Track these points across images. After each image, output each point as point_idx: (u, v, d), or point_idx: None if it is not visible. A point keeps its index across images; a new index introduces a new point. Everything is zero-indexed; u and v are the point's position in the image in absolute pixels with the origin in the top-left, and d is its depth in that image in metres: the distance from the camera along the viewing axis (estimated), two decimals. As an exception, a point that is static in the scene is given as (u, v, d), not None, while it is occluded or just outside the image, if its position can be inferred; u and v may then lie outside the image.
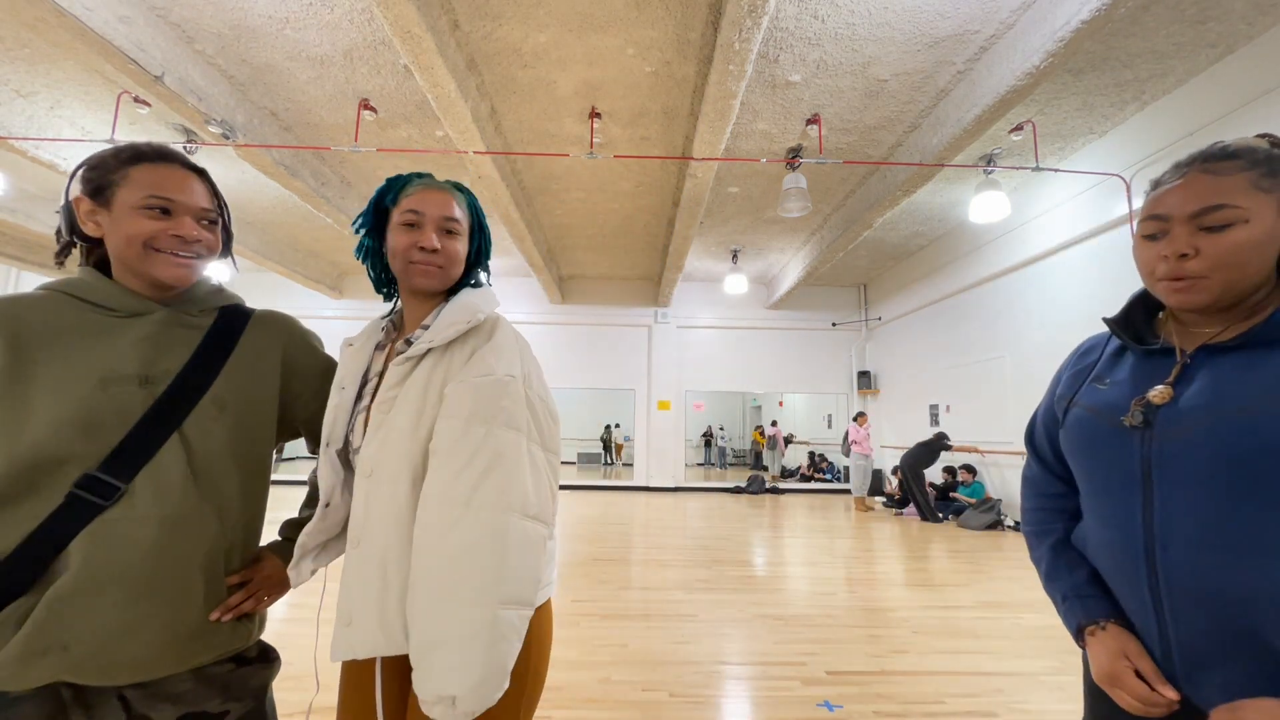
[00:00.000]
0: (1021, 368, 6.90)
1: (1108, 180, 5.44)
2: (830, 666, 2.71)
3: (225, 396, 0.85)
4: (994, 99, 4.00)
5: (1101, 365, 0.87)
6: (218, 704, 0.83)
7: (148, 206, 0.80)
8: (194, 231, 0.83)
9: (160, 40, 3.91)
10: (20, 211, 7.01)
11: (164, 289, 0.86)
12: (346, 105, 4.91)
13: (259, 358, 0.92)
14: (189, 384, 0.82)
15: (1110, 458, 0.79)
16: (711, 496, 10.05)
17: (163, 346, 0.83)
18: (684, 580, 4.25)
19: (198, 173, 0.87)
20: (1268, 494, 0.64)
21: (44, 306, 0.80)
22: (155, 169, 0.82)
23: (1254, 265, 0.71)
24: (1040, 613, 3.61)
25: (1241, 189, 0.71)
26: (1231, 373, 0.71)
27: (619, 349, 10.86)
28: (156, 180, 0.81)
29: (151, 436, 0.78)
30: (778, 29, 3.89)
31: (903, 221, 7.63)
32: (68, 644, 0.70)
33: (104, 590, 0.73)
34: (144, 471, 0.77)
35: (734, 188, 6.51)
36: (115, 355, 0.79)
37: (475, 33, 3.95)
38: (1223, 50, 4.23)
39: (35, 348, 0.77)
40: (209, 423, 0.83)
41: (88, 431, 0.75)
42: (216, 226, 0.89)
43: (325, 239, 8.45)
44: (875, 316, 10.43)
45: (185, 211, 0.83)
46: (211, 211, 0.87)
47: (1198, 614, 0.68)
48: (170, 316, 0.86)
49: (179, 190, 0.82)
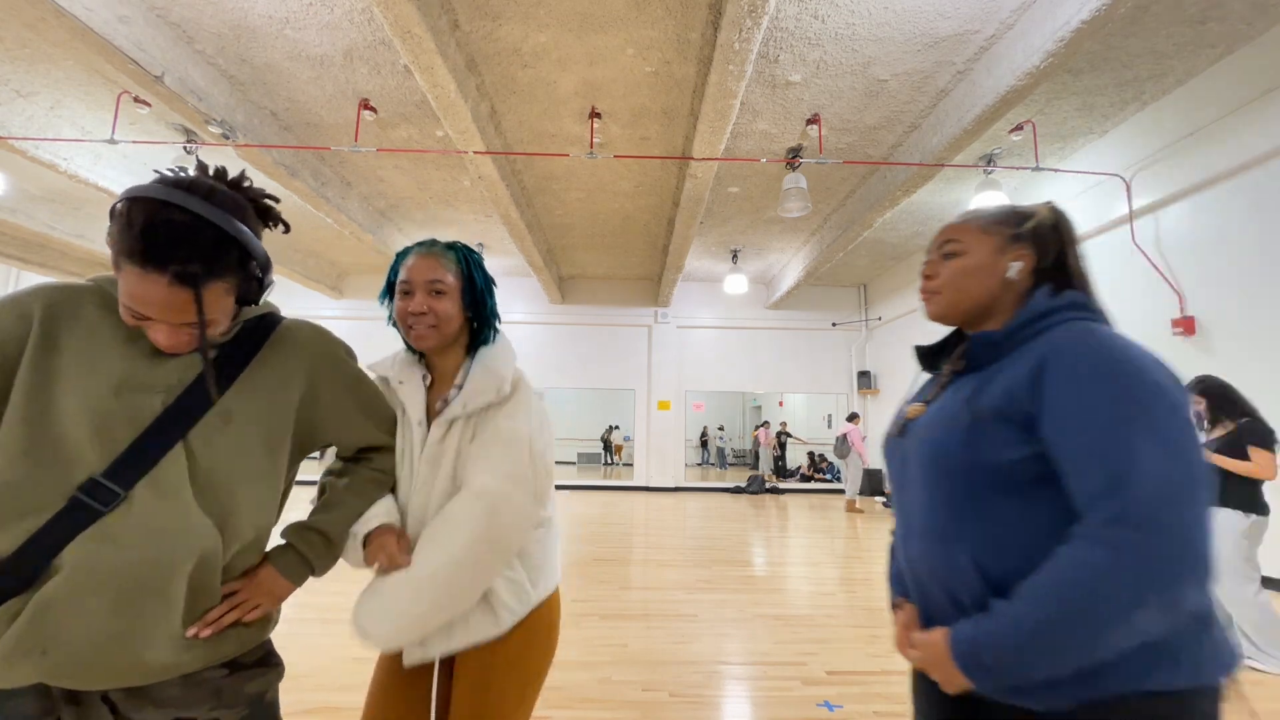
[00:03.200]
0: (1021, 368, 6.89)
1: (1108, 180, 5.44)
2: (830, 666, 2.71)
3: (233, 409, 0.85)
4: (994, 99, 4.00)
5: (922, 386, 1.05)
6: (206, 710, 0.82)
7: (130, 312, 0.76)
8: (168, 340, 0.79)
9: (160, 40, 3.91)
10: (20, 211, 7.01)
11: None
12: (346, 105, 4.91)
13: (277, 371, 0.91)
14: (197, 395, 0.82)
15: (889, 463, 0.99)
16: (711, 496, 10.05)
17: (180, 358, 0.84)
18: (684, 580, 4.25)
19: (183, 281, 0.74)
20: (943, 494, 0.82)
21: (85, 298, 0.81)
22: (133, 275, 0.73)
23: (972, 288, 0.90)
24: (1040, 613, 3.61)
25: (968, 231, 0.92)
26: (953, 393, 0.87)
27: (619, 349, 10.86)
28: (131, 290, 0.74)
29: (155, 445, 0.78)
30: (778, 29, 3.89)
31: (903, 221, 7.63)
32: (46, 648, 0.71)
33: (90, 596, 0.73)
34: (144, 480, 0.77)
35: (734, 188, 6.51)
36: (134, 363, 0.80)
37: (475, 33, 3.95)
38: (1223, 50, 4.23)
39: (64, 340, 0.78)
40: (213, 434, 0.83)
41: (100, 436, 0.76)
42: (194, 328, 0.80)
43: (325, 239, 8.45)
44: (875, 316, 10.43)
45: (164, 319, 0.77)
46: (189, 327, 0.79)
47: (928, 588, 0.85)
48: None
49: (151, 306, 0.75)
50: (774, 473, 12.87)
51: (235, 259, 0.80)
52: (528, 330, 10.82)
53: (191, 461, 0.81)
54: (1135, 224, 5.24)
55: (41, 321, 0.77)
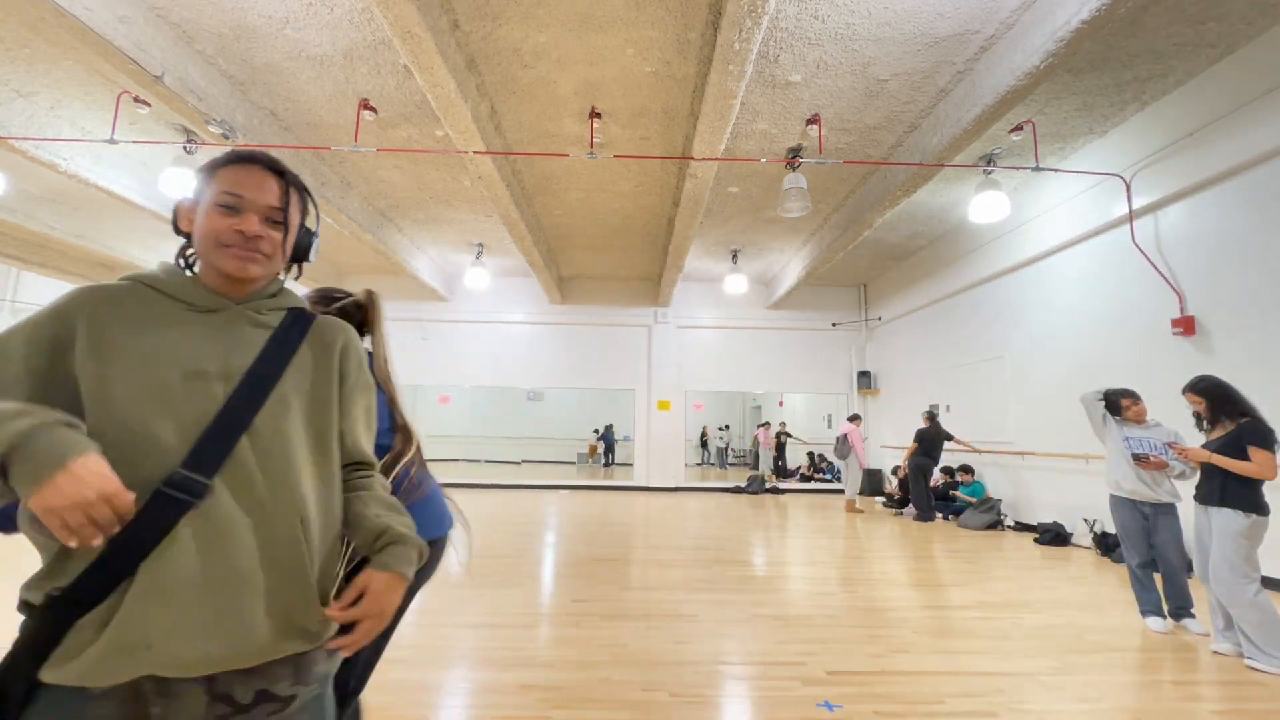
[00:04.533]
0: (1021, 368, 6.90)
1: (1108, 180, 5.44)
2: (830, 666, 2.71)
3: (289, 394, 0.86)
4: (994, 99, 4.00)
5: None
6: (287, 686, 0.84)
7: (221, 204, 0.84)
8: (255, 228, 0.84)
9: (160, 40, 3.91)
10: (20, 211, 7.01)
11: (235, 285, 0.88)
12: (346, 105, 4.91)
13: (319, 359, 0.93)
14: (258, 380, 0.84)
15: None
16: (711, 497, 10.05)
17: (236, 343, 0.86)
18: (684, 580, 4.25)
19: (278, 174, 0.89)
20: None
21: (125, 295, 0.83)
22: (237, 169, 0.86)
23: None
24: (1040, 613, 3.61)
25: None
26: None
27: (619, 349, 10.86)
28: (234, 178, 0.85)
29: (228, 433, 0.79)
30: (778, 29, 3.89)
31: (903, 221, 7.63)
32: (151, 642, 0.72)
33: (189, 587, 0.74)
34: (223, 469, 0.78)
35: (734, 188, 6.51)
36: (194, 350, 0.82)
37: (475, 33, 3.95)
38: (1223, 50, 4.23)
39: (116, 332, 0.79)
40: (276, 419, 0.84)
41: (173, 426, 0.77)
42: (280, 228, 0.88)
43: (325, 239, 8.44)
44: (875, 316, 10.43)
45: (251, 209, 0.85)
46: (278, 210, 0.87)
47: None
48: (241, 314, 0.88)
49: (250, 188, 0.85)
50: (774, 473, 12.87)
51: (303, 203, 0.93)
52: (527, 330, 10.82)
53: (259, 448, 0.82)
54: (1135, 224, 5.24)
55: (87, 321, 0.78)
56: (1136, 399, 3.58)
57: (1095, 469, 5.68)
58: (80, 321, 0.78)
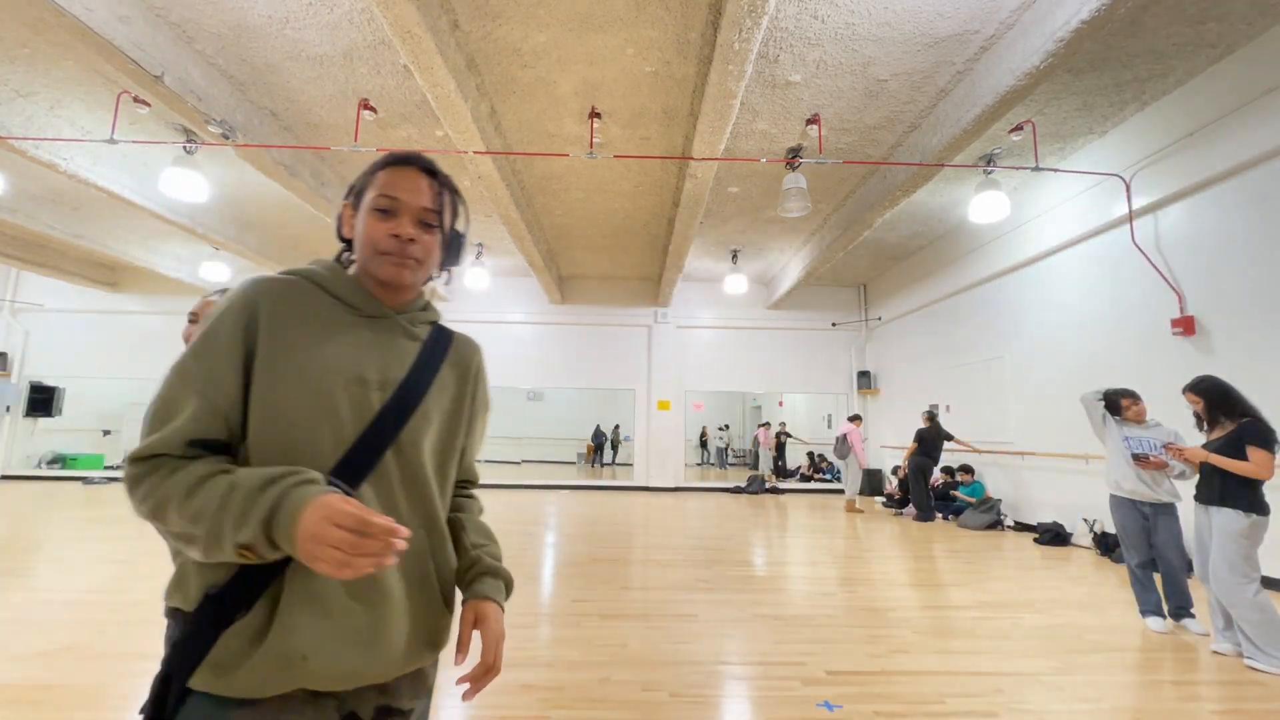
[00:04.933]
0: (1021, 368, 6.90)
1: (1107, 180, 5.44)
2: (830, 666, 2.71)
3: (431, 409, 0.86)
4: (994, 99, 4.00)
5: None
6: (408, 700, 0.84)
7: (378, 208, 0.83)
8: (410, 230, 0.83)
9: (160, 40, 3.91)
10: (20, 211, 7.01)
11: (391, 292, 0.88)
12: (346, 105, 4.91)
13: (458, 377, 0.93)
14: (408, 393, 0.83)
15: None
16: (711, 497, 10.04)
17: (392, 353, 0.85)
18: (684, 580, 4.25)
19: (431, 174, 0.88)
20: None
21: (297, 291, 0.81)
22: (393, 172, 0.85)
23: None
24: (1040, 613, 3.61)
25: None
26: None
27: (619, 349, 10.86)
28: (390, 181, 0.85)
29: (377, 444, 0.79)
30: (778, 29, 3.89)
31: (903, 221, 7.63)
32: (306, 653, 0.71)
33: (338, 597, 0.74)
34: (369, 479, 0.78)
35: (734, 188, 6.51)
36: (357, 356, 0.81)
37: (475, 33, 3.95)
38: (1223, 50, 4.23)
39: (291, 331, 0.78)
40: (419, 434, 0.83)
41: (330, 431, 0.76)
42: (434, 231, 0.87)
43: (325, 239, 8.44)
44: (875, 316, 10.43)
45: (406, 211, 0.84)
46: (431, 213, 0.86)
47: None
48: (398, 324, 0.88)
49: (404, 190, 0.84)
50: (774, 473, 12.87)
51: (454, 204, 0.91)
52: (527, 330, 10.82)
53: (400, 461, 0.81)
54: (1135, 224, 5.24)
55: (267, 316, 0.77)
56: (1136, 399, 3.58)
57: (1095, 469, 5.68)
58: (262, 314, 0.77)
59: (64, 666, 2.51)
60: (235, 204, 7.18)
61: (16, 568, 4.12)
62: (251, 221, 7.77)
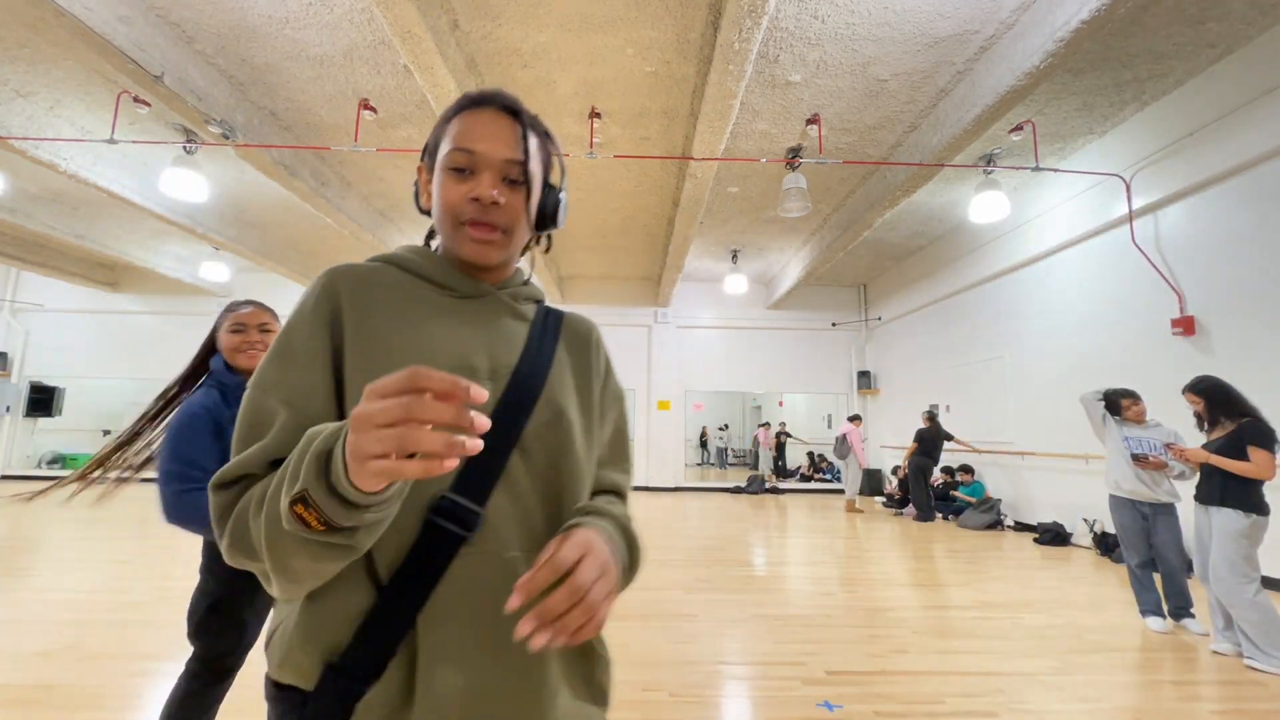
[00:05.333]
0: (1021, 368, 6.90)
1: (1107, 180, 5.44)
2: (830, 666, 2.71)
3: (556, 401, 0.70)
4: (994, 99, 4.00)
5: None
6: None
7: (452, 166, 0.67)
8: (490, 191, 0.66)
9: (160, 40, 3.91)
10: (20, 211, 7.01)
11: (481, 270, 0.73)
12: (346, 105, 4.91)
13: (578, 358, 0.77)
14: (524, 382, 0.68)
15: None
16: (711, 496, 10.05)
17: (499, 336, 0.71)
18: (684, 580, 4.25)
19: (514, 115, 0.69)
20: None
21: (380, 278, 0.68)
22: (467, 117, 0.68)
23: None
24: (1040, 613, 3.61)
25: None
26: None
27: (619, 349, 10.85)
28: (464, 129, 0.67)
29: (501, 443, 0.63)
30: (778, 29, 3.89)
31: (903, 221, 7.63)
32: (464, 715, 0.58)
33: (482, 650, 0.59)
34: (496, 492, 0.63)
35: (734, 188, 6.51)
36: (460, 343, 0.67)
37: (475, 33, 3.95)
38: (1223, 50, 4.23)
39: (378, 322, 0.65)
40: (544, 431, 0.68)
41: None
42: (520, 188, 0.68)
43: (325, 239, 8.45)
44: (875, 316, 10.43)
45: (485, 166, 0.67)
46: (516, 165, 0.67)
47: None
48: (500, 301, 0.73)
49: (482, 138, 0.66)
50: (774, 473, 12.87)
51: (545, 152, 0.73)
52: (528, 330, 10.81)
53: (529, 466, 0.66)
54: (1135, 224, 5.24)
55: (351, 306, 0.65)
56: (1136, 399, 3.58)
57: (1095, 469, 5.68)
58: (345, 304, 0.65)
59: (64, 666, 2.51)
60: (235, 204, 7.18)
61: (17, 567, 4.12)
62: (251, 221, 7.77)
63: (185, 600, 1.56)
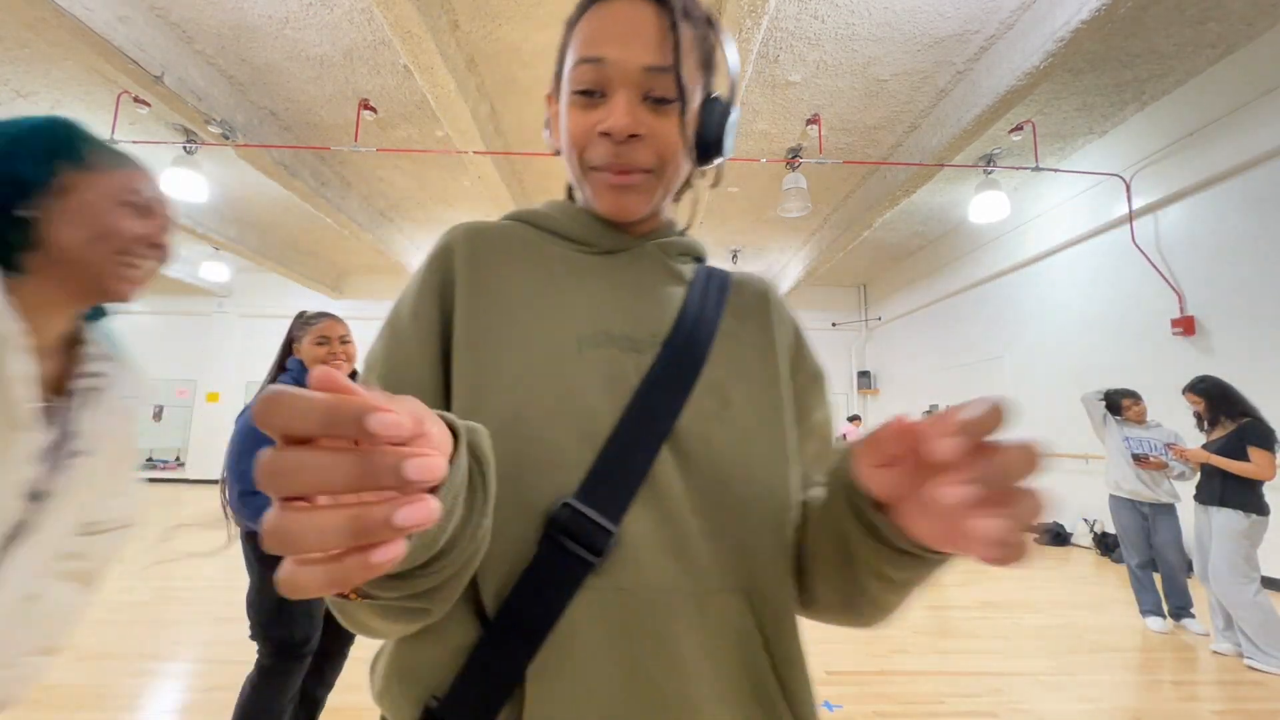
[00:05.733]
0: (1021, 368, 6.90)
1: (1107, 180, 5.44)
2: (830, 666, 2.71)
3: (725, 383, 0.52)
4: (994, 99, 4.00)
5: None
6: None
7: (580, 88, 0.50)
8: (624, 119, 0.48)
9: (160, 40, 3.91)
10: (20, 211, 7.01)
11: (624, 224, 0.57)
12: (346, 105, 4.91)
13: (753, 333, 0.58)
14: (679, 356, 0.51)
15: None
16: (711, 496, 10.05)
17: (646, 298, 0.54)
18: (684, 580, 4.26)
19: (659, 1, 0.49)
20: None
21: (505, 236, 0.56)
22: (598, 10, 0.50)
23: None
24: (1040, 613, 3.61)
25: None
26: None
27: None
28: (594, 28, 0.50)
29: (645, 435, 0.47)
30: (778, 29, 3.89)
31: (903, 221, 7.63)
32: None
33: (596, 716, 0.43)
34: (636, 504, 0.45)
35: (734, 188, 6.51)
36: (593, 306, 0.52)
37: (475, 32, 3.95)
38: (1223, 50, 4.23)
39: (495, 278, 0.52)
40: (709, 422, 0.49)
41: (568, 420, 0.46)
42: (672, 108, 0.50)
43: (325, 239, 8.45)
44: (875, 316, 10.43)
45: (620, 81, 0.49)
46: (662, 74, 0.49)
47: None
48: (651, 255, 0.58)
49: (612, 41, 0.49)
50: (774, 473, 12.87)
51: (703, 49, 0.53)
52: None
53: (686, 467, 0.48)
54: (1135, 224, 5.24)
55: (466, 264, 0.52)
56: (1137, 399, 3.58)
57: (1095, 469, 5.68)
58: (459, 263, 0.52)
59: (64, 666, 2.51)
60: (235, 204, 7.18)
61: (16, 568, 4.12)
62: (251, 221, 7.77)
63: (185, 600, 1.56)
